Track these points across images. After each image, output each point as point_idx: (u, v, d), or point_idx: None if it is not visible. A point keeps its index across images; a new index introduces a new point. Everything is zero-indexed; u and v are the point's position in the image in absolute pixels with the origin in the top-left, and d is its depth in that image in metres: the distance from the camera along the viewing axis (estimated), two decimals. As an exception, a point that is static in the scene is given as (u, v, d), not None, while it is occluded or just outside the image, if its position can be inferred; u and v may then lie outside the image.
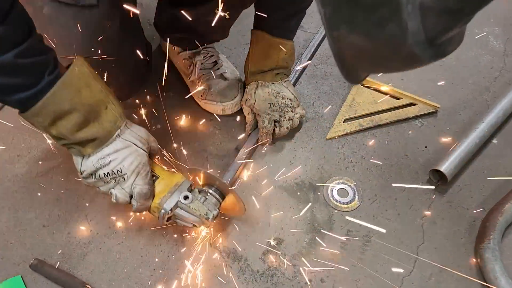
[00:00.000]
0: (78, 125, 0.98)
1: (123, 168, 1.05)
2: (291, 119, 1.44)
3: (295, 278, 1.22)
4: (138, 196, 1.07)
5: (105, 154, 1.04)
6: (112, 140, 1.05)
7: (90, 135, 1.01)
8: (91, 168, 1.04)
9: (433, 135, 1.52)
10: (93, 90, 0.99)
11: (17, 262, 1.22)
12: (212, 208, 1.14)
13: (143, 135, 1.11)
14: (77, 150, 1.03)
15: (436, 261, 1.26)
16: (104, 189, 1.09)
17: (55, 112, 0.95)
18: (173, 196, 1.12)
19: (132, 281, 1.20)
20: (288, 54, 1.43)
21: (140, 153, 1.08)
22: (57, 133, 0.99)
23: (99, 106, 1.01)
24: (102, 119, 1.02)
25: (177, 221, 1.16)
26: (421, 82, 1.67)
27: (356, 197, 1.37)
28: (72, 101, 0.96)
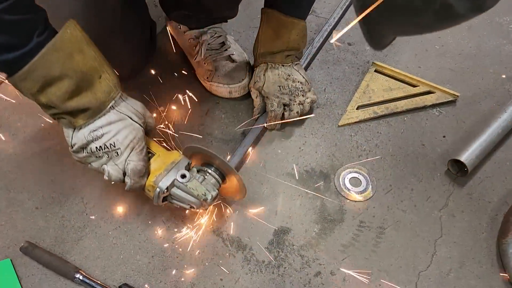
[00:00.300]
0: (69, 93, 0.91)
1: (116, 142, 0.98)
2: (302, 104, 1.36)
3: (303, 269, 1.13)
4: (132, 172, 1.00)
5: (97, 126, 0.96)
6: (105, 112, 0.97)
7: (82, 105, 0.93)
8: (82, 141, 0.97)
9: (452, 124, 1.44)
10: (86, 56, 0.92)
11: (7, 244, 1.14)
12: (211, 189, 1.06)
13: (139, 109, 1.04)
14: (67, 121, 0.96)
15: (455, 256, 1.17)
16: (96, 165, 1.01)
17: (45, 77, 0.88)
18: (170, 174, 1.04)
19: (128, 267, 1.12)
20: (300, 35, 1.35)
21: (135, 127, 1.01)
22: (46, 101, 0.91)
23: (92, 74, 0.93)
24: (96, 88, 0.94)
25: (173, 201, 1.08)
26: (440, 70, 1.59)
27: (369, 187, 1.28)
28: (63, 66, 0.89)
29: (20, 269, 1.11)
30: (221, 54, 1.44)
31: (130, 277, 1.10)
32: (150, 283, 1.10)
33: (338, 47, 1.65)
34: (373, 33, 0.65)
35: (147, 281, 1.10)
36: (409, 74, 1.52)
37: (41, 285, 1.09)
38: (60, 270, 1.09)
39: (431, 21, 0.56)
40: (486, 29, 1.73)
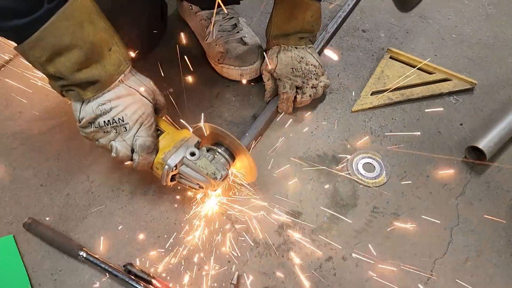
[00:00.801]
0: (79, 64, 0.89)
1: (125, 116, 0.95)
2: (315, 87, 1.32)
3: (314, 254, 1.09)
4: (140, 148, 0.97)
5: (106, 99, 0.94)
6: (114, 85, 0.95)
7: (91, 77, 0.91)
8: (90, 114, 0.94)
9: (469, 112, 1.39)
10: (96, 27, 0.90)
11: (10, 221, 1.11)
12: (221, 168, 1.02)
13: (149, 85, 1.01)
14: (76, 93, 0.93)
15: (472, 244, 1.12)
16: (104, 141, 0.98)
17: (54, 46, 0.85)
18: (179, 152, 1.00)
19: (133, 247, 1.08)
20: (315, 16, 1.31)
21: (144, 103, 0.98)
22: (55, 71, 0.89)
23: (102, 46, 0.91)
24: (105, 61, 0.92)
25: (182, 180, 1.04)
26: (456, 58, 1.55)
27: (383, 172, 1.24)
28: (73, 36, 0.86)
29: (23, 245, 1.08)
30: (233, 36, 1.41)
31: (135, 257, 1.07)
32: (155, 263, 1.06)
33: (352, 34, 1.61)
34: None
35: (152, 261, 1.06)
36: (425, 61, 1.48)
37: (43, 262, 1.05)
38: (63, 248, 1.06)
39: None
40: (503, 19, 1.69)
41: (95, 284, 1.02)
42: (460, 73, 1.47)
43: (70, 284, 1.02)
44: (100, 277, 1.03)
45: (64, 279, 1.03)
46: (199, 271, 1.05)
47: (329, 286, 1.05)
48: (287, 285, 1.04)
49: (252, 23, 1.60)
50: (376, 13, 1.70)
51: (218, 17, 1.40)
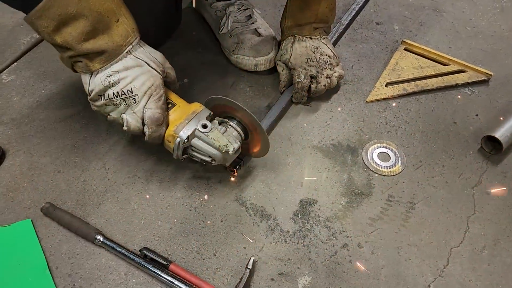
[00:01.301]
0: (85, 34, 0.90)
1: (133, 88, 0.96)
2: (329, 77, 1.32)
3: (329, 241, 1.09)
4: (149, 120, 0.97)
5: (114, 70, 0.95)
6: (122, 57, 0.96)
7: (98, 47, 0.92)
8: (99, 86, 0.95)
9: (485, 103, 1.38)
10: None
11: (28, 205, 1.13)
12: (233, 141, 1.02)
13: (158, 58, 1.02)
14: (84, 64, 0.94)
15: (489, 233, 1.11)
16: (115, 114, 0.99)
17: (60, 15, 0.86)
18: (190, 124, 1.01)
19: (149, 232, 1.09)
20: (330, 7, 1.31)
21: (153, 74, 0.98)
22: (62, 41, 0.90)
23: (109, 17, 0.91)
24: (112, 31, 0.93)
25: (194, 154, 1.05)
26: (471, 51, 1.54)
27: (398, 162, 1.23)
28: (79, 5, 0.87)
29: (41, 229, 1.09)
30: (247, 27, 1.42)
31: (151, 242, 1.07)
32: (172, 248, 1.06)
33: (366, 27, 1.61)
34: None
35: (168, 246, 1.07)
36: (440, 52, 1.47)
37: (61, 246, 1.06)
38: (80, 232, 1.07)
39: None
40: (519, 12, 1.68)
41: (112, 268, 1.03)
42: (475, 65, 1.46)
43: (87, 268, 1.03)
44: (117, 261, 1.04)
45: (81, 263, 1.04)
46: (214, 256, 1.06)
47: (344, 272, 1.04)
48: (302, 271, 1.04)
49: (266, 16, 1.61)
50: (390, 6, 1.70)
51: (233, 8, 1.42)
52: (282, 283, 1.02)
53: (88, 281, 1.01)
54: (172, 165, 1.20)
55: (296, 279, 1.03)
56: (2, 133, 1.26)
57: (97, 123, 1.29)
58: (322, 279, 1.03)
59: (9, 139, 1.25)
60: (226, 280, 1.02)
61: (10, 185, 1.16)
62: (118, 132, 1.27)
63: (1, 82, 1.39)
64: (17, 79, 1.40)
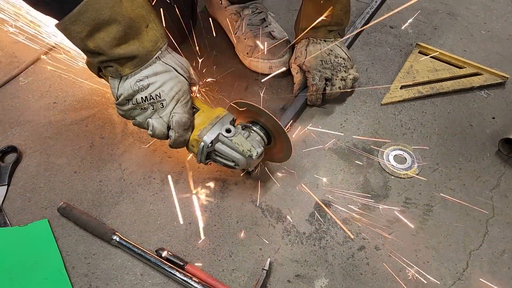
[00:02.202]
0: (118, 39, 0.90)
1: (162, 93, 0.96)
2: (344, 80, 1.32)
3: (346, 243, 1.08)
4: (177, 125, 0.98)
5: (143, 75, 0.95)
6: (151, 62, 0.96)
7: (129, 52, 0.92)
8: (128, 91, 0.96)
9: (502, 106, 1.37)
10: (134, 2, 0.91)
11: (44, 206, 1.13)
12: (257, 145, 1.02)
13: (184, 64, 1.03)
14: (114, 69, 0.95)
15: (509, 236, 1.10)
16: (140, 118, 1.00)
17: (94, 20, 0.87)
18: (214, 128, 1.01)
19: (165, 233, 1.09)
20: (344, 10, 1.31)
21: (180, 80, 0.99)
22: (94, 46, 0.91)
23: (140, 22, 0.92)
24: (143, 37, 0.93)
25: (217, 158, 1.04)
26: (486, 54, 1.53)
27: (415, 164, 1.23)
28: (112, 10, 0.88)
29: (57, 229, 1.09)
30: (262, 30, 1.43)
31: (167, 242, 1.07)
32: (187, 249, 1.06)
33: (380, 30, 1.61)
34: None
35: (184, 247, 1.07)
36: (454, 55, 1.47)
37: (77, 246, 1.06)
38: (97, 232, 1.07)
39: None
40: (534, 16, 1.67)
41: (128, 268, 1.03)
42: (490, 68, 1.45)
43: (103, 268, 1.03)
44: (133, 261, 1.04)
45: (97, 263, 1.04)
46: (230, 257, 1.05)
47: (362, 275, 1.03)
48: (319, 273, 1.03)
49: (279, 20, 1.62)
50: (404, 10, 1.69)
51: (247, 11, 1.42)
52: (299, 285, 1.01)
53: (104, 281, 1.01)
54: (187, 166, 1.20)
55: (313, 281, 1.02)
56: (19, 134, 1.27)
57: (112, 125, 1.30)
58: (339, 281, 1.02)
59: (26, 140, 1.26)
60: (242, 282, 1.01)
61: (27, 185, 1.17)
62: (134, 134, 1.27)
63: (18, 84, 1.41)
64: (34, 82, 1.41)
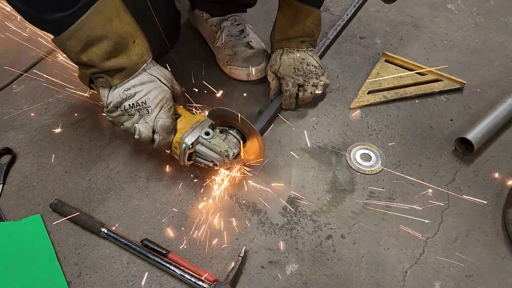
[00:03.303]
0: (108, 53, 1.02)
1: (147, 100, 1.07)
2: (315, 86, 1.44)
3: (315, 232, 1.19)
4: (161, 128, 1.09)
5: (131, 85, 1.07)
6: (138, 73, 1.08)
7: (118, 65, 1.04)
8: (117, 99, 1.07)
9: (459, 110, 1.50)
10: (123, 21, 1.03)
11: (37, 202, 1.22)
12: (233, 146, 1.14)
13: (167, 75, 1.15)
14: (105, 79, 1.06)
15: (462, 225, 1.21)
16: (128, 124, 1.10)
17: (88, 37, 0.98)
18: (195, 132, 1.12)
19: (149, 226, 1.19)
20: (315, 22, 1.44)
21: (164, 89, 1.11)
22: (87, 59, 1.02)
23: (127, 38, 1.04)
24: (130, 51, 1.05)
25: (198, 159, 1.16)
26: (447, 62, 1.66)
27: (379, 162, 1.34)
28: (104, 28, 0.99)
29: (49, 224, 1.18)
30: (240, 41, 1.54)
31: (151, 234, 1.17)
32: (170, 240, 1.16)
33: (350, 41, 1.74)
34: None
35: (167, 238, 1.16)
36: (418, 63, 1.60)
37: (68, 238, 1.16)
38: (86, 225, 1.16)
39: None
40: (491, 27, 1.82)
41: (115, 257, 1.12)
42: (450, 75, 1.58)
43: (92, 257, 1.12)
44: (120, 251, 1.14)
45: (87, 253, 1.13)
46: (209, 246, 1.15)
47: (329, 260, 1.14)
48: (290, 259, 1.14)
49: (258, 31, 1.74)
50: (373, 22, 1.83)
51: (227, 23, 1.54)
52: (272, 270, 1.12)
53: (93, 269, 1.10)
54: (171, 166, 1.30)
55: (284, 267, 1.12)
56: (13, 137, 1.36)
57: (101, 128, 1.39)
58: (308, 266, 1.12)
59: (20, 143, 1.35)
60: (220, 268, 1.11)
61: (21, 184, 1.26)
62: (121, 136, 1.37)
63: (12, 91, 1.50)
64: (26, 89, 1.51)
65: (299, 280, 1.10)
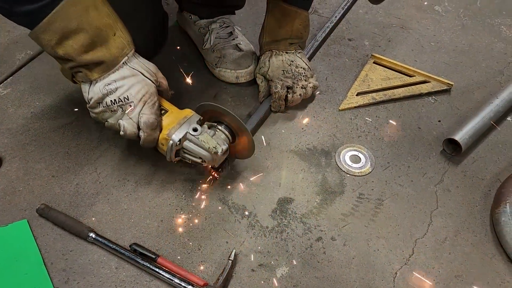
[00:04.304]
0: (85, 46, 0.99)
1: (129, 95, 1.06)
2: (304, 88, 1.44)
3: (305, 235, 1.19)
4: (145, 125, 1.07)
5: (111, 79, 1.05)
6: (119, 67, 1.06)
7: (97, 58, 1.01)
8: (98, 94, 1.05)
9: (447, 111, 1.52)
10: (101, 12, 1.01)
11: (24, 207, 1.20)
12: (221, 143, 1.13)
13: (151, 68, 1.12)
14: (84, 74, 1.04)
15: (450, 226, 1.22)
16: (112, 120, 1.09)
17: (63, 29, 0.96)
18: (182, 128, 1.11)
19: (138, 230, 1.18)
20: (303, 24, 1.44)
21: (147, 83, 1.09)
22: (64, 53, 1.00)
23: (107, 31, 1.02)
24: (110, 44, 1.03)
25: (185, 155, 1.14)
26: (435, 63, 1.68)
27: (368, 163, 1.35)
28: (80, 20, 0.97)
29: (36, 229, 1.16)
30: (229, 43, 1.54)
31: (140, 239, 1.16)
32: (159, 244, 1.15)
33: (339, 43, 1.75)
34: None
35: (156, 242, 1.15)
36: (406, 65, 1.61)
37: (55, 243, 1.14)
38: (74, 230, 1.15)
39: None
40: (478, 29, 1.84)
41: (103, 263, 1.11)
42: (438, 76, 1.60)
43: (80, 263, 1.11)
44: (108, 256, 1.12)
45: (74, 259, 1.11)
46: (199, 250, 1.14)
47: (319, 263, 1.14)
48: (280, 262, 1.13)
49: (246, 33, 1.73)
50: (361, 24, 1.84)
51: (215, 25, 1.54)
52: (262, 273, 1.11)
53: (81, 275, 1.09)
54: (160, 169, 1.29)
55: (274, 270, 1.12)
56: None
57: (89, 132, 1.38)
58: (299, 269, 1.12)
59: (6, 147, 1.33)
60: (210, 271, 1.11)
61: (7, 189, 1.24)
62: (109, 140, 1.36)
63: (-3, 95, 1.48)
64: (12, 92, 1.49)
65: (289, 282, 1.10)
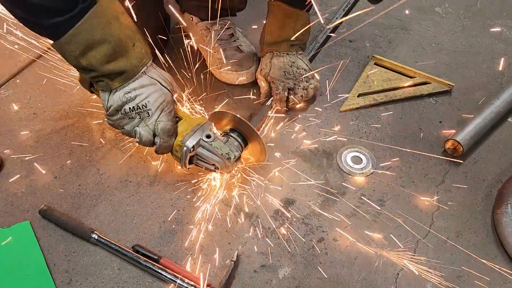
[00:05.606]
0: (107, 56, 1.01)
1: (148, 103, 1.07)
2: (305, 89, 1.45)
3: (307, 236, 1.19)
4: (162, 131, 1.08)
5: (131, 88, 1.06)
6: (138, 76, 1.07)
7: (118, 68, 1.03)
8: (117, 102, 1.06)
9: (448, 112, 1.52)
10: (122, 24, 1.02)
11: (26, 209, 1.21)
12: (234, 149, 1.14)
13: (168, 77, 1.14)
14: (105, 83, 1.05)
15: (452, 226, 1.23)
16: (129, 127, 1.10)
17: (87, 40, 0.98)
18: (196, 134, 1.12)
19: (140, 231, 1.18)
20: (304, 26, 1.44)
21: (165, 92, 1.10)
22: (87, 63, 1.01)
23: (127, 41, 1.03)
24: (130, 54, 1.04)
25: (199, 162, 1.15)
26: (435, 64, 1.68)
27: (370, 164, 1.35)
28: (103, 31, 0.99)
29: (39, 230, 1.16)
30: (230, 44, 1.54)
31: (142, 240, 1.16)
32: (161, 245, 1.15)
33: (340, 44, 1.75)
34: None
35: (158, 243, 1.15)
36: (406, 66, 1.62)
37: (58, 245, 1.14)
38: (76, 231, 1.15)
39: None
40: (478, 30, 1.84)
41: (106, 264, 1.11)
42: (439, 77, 1.60)
43: (83, 264, 1.11)
44: (111, 257, 1.12)
45: (77, 260, 1.12)
46: (201, 251, 1.14)
47: (321, 263, 1.14)
48: (282, 263, 1.14)
49: (248, 34, 1.74)
50: (362, 25, 1.84)
51: (217, 27, 1.54)
52: (264, 274, 1.11)
53: (84, 276, 1.09)
54: (162, 170, 1.30)
55: (277, 271, 1.12)
56: (1, 143, 1.35)
57: (91, 133, 1.38)
58: (301, 270, 1.12)
59: (8, 148, 1.33)
60: (212, 273, 1.11)
61: (9, 190, 1.24)
62: (111, 141, 1.36)
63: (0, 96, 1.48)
64: (14, 94, 1.49)
65: (292, 283, 1.10)
